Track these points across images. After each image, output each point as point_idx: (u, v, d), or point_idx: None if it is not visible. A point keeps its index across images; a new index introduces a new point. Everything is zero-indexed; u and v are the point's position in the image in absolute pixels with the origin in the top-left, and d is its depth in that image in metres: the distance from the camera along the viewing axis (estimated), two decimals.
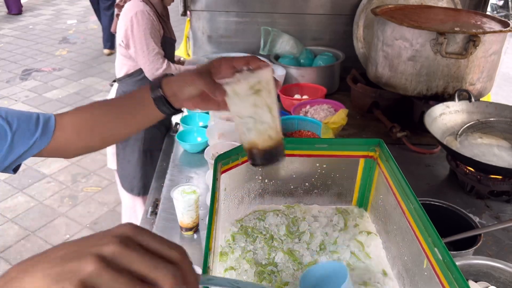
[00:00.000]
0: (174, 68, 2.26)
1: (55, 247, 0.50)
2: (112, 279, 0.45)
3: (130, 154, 2.56)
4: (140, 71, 2.31)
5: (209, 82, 0.95)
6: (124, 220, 2.94)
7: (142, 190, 2.66)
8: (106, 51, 7.10)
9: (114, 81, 2.57)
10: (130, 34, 2.20)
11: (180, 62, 2.71)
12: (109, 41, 6.98)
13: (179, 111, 1.09)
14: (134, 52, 2.25)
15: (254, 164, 0.93)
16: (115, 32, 2.42)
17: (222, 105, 1.03)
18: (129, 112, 1.09)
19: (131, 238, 0.50)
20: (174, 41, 2.54)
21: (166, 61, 2.22)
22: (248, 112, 0.89)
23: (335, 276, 1.10)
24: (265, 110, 0.90)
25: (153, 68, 2.20)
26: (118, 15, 2.39)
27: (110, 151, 2.70)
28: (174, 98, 1.04)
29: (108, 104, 1.14)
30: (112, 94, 2.61)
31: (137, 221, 2.85)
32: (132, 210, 2.84)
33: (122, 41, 2.29)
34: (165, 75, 1.05)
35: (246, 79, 0.87)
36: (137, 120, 1.11)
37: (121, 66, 2.42)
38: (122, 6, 2.29)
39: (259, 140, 0.89)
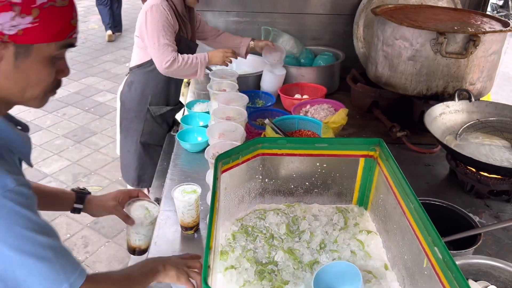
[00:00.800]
0: (182, 59, 2.26)
1: (172, 257, 1.23)
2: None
3: (130, 144, 2.61)
4: (150, 62, 2.35)
5: (122, 214, 1.46)
6: None
7: (136, 182, 2.69)
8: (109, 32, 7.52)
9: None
10: (144, 27, 2.24)
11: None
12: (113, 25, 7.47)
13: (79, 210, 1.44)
14: (147, 45, 2.29)
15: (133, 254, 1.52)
16: None
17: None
18: (48, 204, 1.37)
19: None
20: (194, 44, 2.52)
21: (174, 53, 2.23)
22: (143, 231, 1.48)
23: (347, 276, 1.11)
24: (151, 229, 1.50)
25: (162, 60, 2.22)
26: None
27: (118, 139, 2.74)
28: (89, 212, 1.45)
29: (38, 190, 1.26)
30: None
31: None
32: None
33: (138, 33, 2.34)
34: (87, 194, 1.46)
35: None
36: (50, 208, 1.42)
37: (135, 56, 2.49)
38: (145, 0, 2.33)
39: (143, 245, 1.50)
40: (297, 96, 2.52)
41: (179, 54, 2.26)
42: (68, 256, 0.93)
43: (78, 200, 1.41)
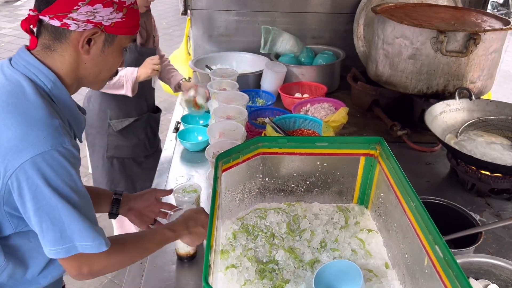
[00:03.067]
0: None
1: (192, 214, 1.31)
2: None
3: (97, 160, 2.53)
4: None
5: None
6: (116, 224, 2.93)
7: None
8: None
9: None
10: None
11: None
12: None
13: (116, 215, 1.45)
14: None
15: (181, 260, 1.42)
16: None
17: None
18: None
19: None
20: (149, 50, 2.36)
21: None
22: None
23: (348, 275, 1.11)
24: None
25: None
26: None
27: (88, 154, 2.67)
28: (125, 204, 1.45)
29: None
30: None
31: (122, 226, 2.80)
32: (118, 221, 2.82)
33: None
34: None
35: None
36: None
37: None
38: None
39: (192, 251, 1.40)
40: (298, 95, 2.52)
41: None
42: (95, 219, 1.08)
43: (115, 202, 1.44)
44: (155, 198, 1.49)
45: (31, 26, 1.06)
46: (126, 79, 2.17)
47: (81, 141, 1.23)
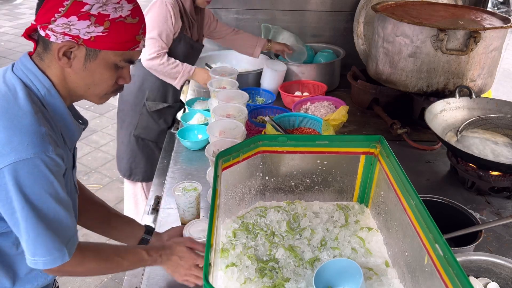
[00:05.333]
0: (167, 59, 2.26)
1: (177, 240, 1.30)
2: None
3: (124, 135, 2.62)
4: None
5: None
6: (127, 205, 2.96)
7: (128, 173, 2.70)
8: None
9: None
10: (146, 17, 2.25)
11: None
12: None
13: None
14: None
15: None
16: None
17: None
18: (116, 231, 1.44)
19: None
20: (199, 45, 2.51)
21: (160, 51, 2.24)
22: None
23: (348, 273, 1.11)
24: None
25: (147, 51, 2.23)
26: None
27: None
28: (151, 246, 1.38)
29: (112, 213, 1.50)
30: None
31: (137, 207, 2.88)
32: (133, 196, 2.87)
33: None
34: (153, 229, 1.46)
35: None
36: (111, 236, 1.45)
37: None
38: None
39: None
40: (298, 93, 2.52)
41: (165, 54, 2.27)
42: (68, 228, 1.05)
43: (147, 232, 1.43)
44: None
45: (33, 34, 1.06)
46: (182, 74, 2.32)
47: (71, 151, 1.18)
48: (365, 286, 1.12)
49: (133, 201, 2.90)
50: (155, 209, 1.71)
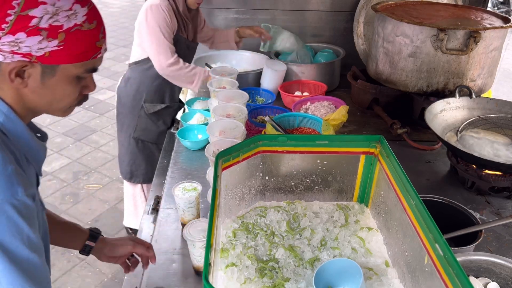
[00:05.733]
0: (183, 63, 2.29)
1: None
2: None
3: (124, 138, 2.63)
4: (147, 60, 2.38)
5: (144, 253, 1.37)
6: (126, 205, 2.97)
7: (129, 176, 2.71)
8: None
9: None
10: (143, 26, 2.26)
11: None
12: None
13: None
14: (145, 43, 2.32)
15: None
16: None
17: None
18: (58, 238, 1.30)
19: None
20: (194, 44, 2.54)
21: (176, 56, 2.28)
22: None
23: (348, 273, 1.11)
24: None
25: (161, 59, 2.25)
26: None
27: None
28: (97, 252, 1.35)
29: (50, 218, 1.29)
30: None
31: (136, 208, 2.88)
32: (132, 197, 2.87)
33: (137, 31, 2.38)
34: (99, 234, 1.37)
35: None
36: (54, 242, 1.29)
37: (134, 53, 2.50)
38: None
39: None
40: (297, 93, 2.52)
41: (180, 59, 2.28)
42: (42, 275, 0.95)
43: (91, 238, 1.34)
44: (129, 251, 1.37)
45: None
46: (199, 76, 2.33)
47: (40, 175, 1.09)
48: (365, 286, 1.12)
49: (132, 202, 2.90)
50: (155, 209, 1.71)
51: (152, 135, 2.59)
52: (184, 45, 2.41)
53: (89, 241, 1.33)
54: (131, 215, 2.97)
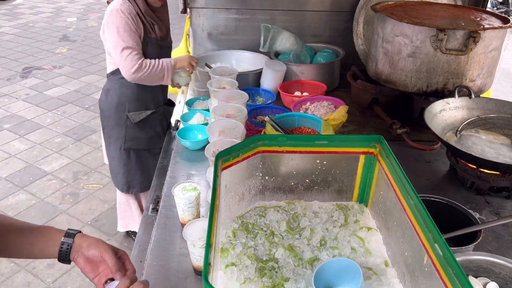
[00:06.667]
0: (149, 64, 2.20)
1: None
2: None
3: (114, 151, 2.58)
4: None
5: (115, 264, 1.12)
6: (120, 214, 2.97)
7: (126, 187, 2.68)
8: None
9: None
10: (106, 34, 2.21)
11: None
12: None
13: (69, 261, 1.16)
14: (110, 51, 2.26)
15: None
16: None
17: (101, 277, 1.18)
18: (30, 244, 1.15)
19: None
20: (167, 43, 2.45)
21: (139, 60, 2.17)
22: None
23: (347, 273, 1.11)
24: None
25: (125, 67, 2.17)
26: None
27: (104, 145, 2.73)
28: (76, 251, 1.14)
29: (16, 229, 1.16)
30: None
31: (132, 217, 2.88)
32: (127, 205, 2.86)
33: (102, 39, 2.31)
34: (78, 232, 1.16)
35: None
36: (31, 253, 1.16)
37: (108, 63, 2.44)
38: (109, 3, 2.27)
39: None
40: (297, 93, 2.52)
41: (145, 59, 2.21)
42: None
43: (67, 235, 1.16)
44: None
45: None
46: (167, 69, 2.28)
47: None
48: (365, 286, 1.12)
49: (127, 208, 2.89)
50: (155, 209, 1.71)
51: (143, 143, 2.54)
52: (155, 45, 2.34)
53: (65, 237, 1.15)
54: (126, 219, 2.97)
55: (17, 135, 4.66)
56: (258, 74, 2.62)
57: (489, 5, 3.09)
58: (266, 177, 1.42)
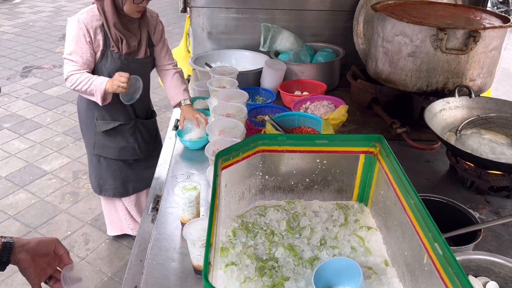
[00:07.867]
0: (76, 80, 2.10)
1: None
2: None
3: (88, 153, 2.61)
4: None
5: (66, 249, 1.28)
6: (107, 219, 3.01)
7: (98, 190, 2.68)
8: None
9: None
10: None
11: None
12: None
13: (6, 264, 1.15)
14: None
15: None
16: None
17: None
18: None
19: None
20: (134, 59, 2.27)
21: (71, 73, 2.10)
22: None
23: (347, 272, 1.11)
24: None
25: (64, 74, 2.13)
26: None
27: None
28: (20, 250, 1.15)
29: None
30: None
31: (118, 218, 2.87)
32: (113, 208, 2.89)
33: None
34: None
35: None
36: None
37: None
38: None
39: None
40: (297, 92, 2.52)
41: (75, 74, 2.11)
42: None
43: (4, 238, 1.15)
44: (54, 251, 1.24)
45: None
46: (95, 89, 2.12)
47: None
48: (365, 285, 1.12)
49: (113, 211, 2.90)
50: (155, 209, 1.71)
51: (113, 152, 2.49)
52: (117, 61, 2.22)
53: (4, 237, 1.15)
54: (113, 223, 2.98)
55: (17, 134, 4.66)
56: (258, 73, 2.62)
57: (489, 4, 3.09)
58: (266, 177, 1.42)
